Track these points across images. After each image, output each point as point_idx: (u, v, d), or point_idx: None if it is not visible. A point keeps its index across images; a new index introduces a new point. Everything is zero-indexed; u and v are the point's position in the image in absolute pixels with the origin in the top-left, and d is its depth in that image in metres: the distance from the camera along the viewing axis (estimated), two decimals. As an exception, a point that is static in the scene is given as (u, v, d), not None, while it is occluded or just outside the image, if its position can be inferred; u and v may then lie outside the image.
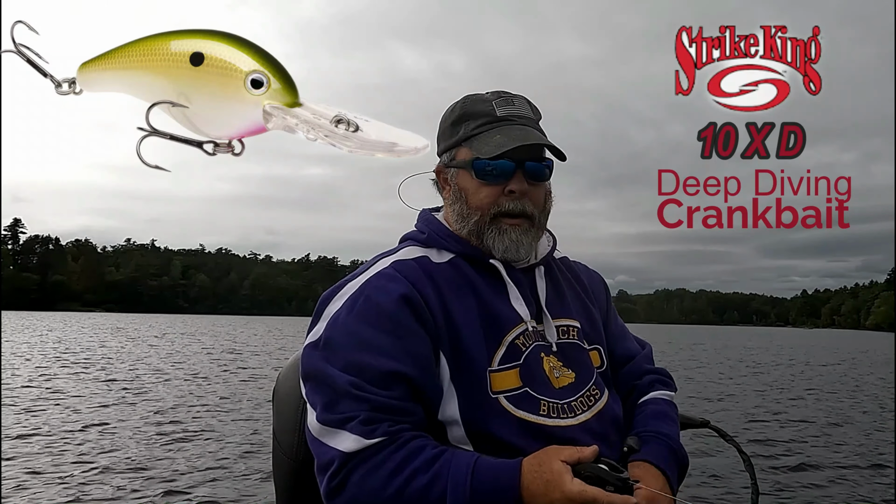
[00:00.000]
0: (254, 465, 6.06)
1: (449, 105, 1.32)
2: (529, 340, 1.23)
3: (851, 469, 6.59)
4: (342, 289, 1.22)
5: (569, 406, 1.22)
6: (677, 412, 1.40)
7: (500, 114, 1.23)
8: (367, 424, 1.07)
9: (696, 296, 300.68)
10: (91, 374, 14.05)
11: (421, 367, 1.14)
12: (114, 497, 5.10)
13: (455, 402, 1.17)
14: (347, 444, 1.07)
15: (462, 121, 1.26)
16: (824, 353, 33.21)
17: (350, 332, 1.14)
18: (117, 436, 7.39)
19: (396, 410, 1.10)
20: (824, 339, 61.81)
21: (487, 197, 1.23)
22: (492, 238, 1.24)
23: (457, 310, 1.20)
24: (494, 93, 1.27)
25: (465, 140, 1.24)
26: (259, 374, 15.24)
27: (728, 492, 5.51)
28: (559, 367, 1.25)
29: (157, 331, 40.32)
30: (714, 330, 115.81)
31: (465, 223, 1.26)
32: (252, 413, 9.12)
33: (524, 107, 1.26)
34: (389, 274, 1.21)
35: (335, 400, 1.10)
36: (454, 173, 1.27)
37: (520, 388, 1.19)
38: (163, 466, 5.99)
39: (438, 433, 1.17)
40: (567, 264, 1.46)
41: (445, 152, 1.29)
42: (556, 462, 1.03)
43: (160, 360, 18.26)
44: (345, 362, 1.11)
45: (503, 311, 1.23)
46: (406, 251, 1.29)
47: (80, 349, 21.48)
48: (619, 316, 1.52)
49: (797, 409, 10.95)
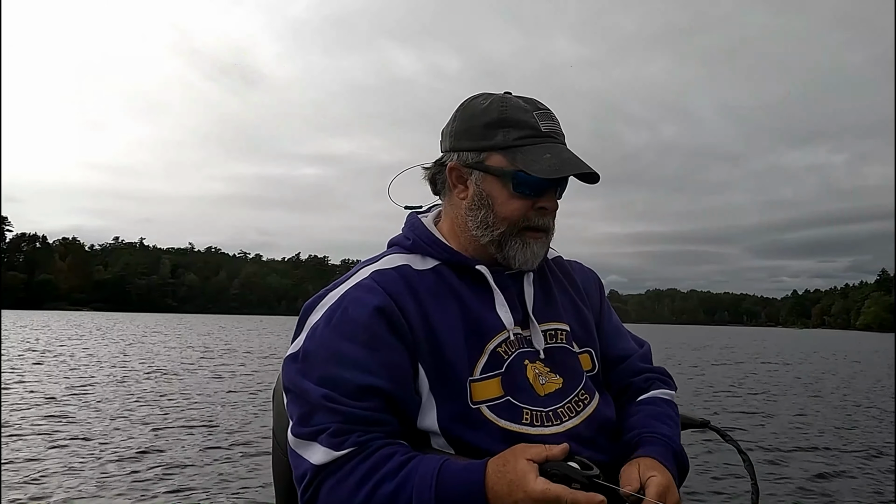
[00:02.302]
0: (254, 465, 6.03)
1: (473, 99, 1.27)
2: (512, 348, 1.22)
3: (852, 469, 6.52)
4: (323, 299, 1.22)
5: (554, 413, 1.21)
6: (678, 412, 1.37)
7: (544, 129, 1.20)
8: (337, 436, 1.07)
9: (687, 296, 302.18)
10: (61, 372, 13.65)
11: (396, 380, 1.13)
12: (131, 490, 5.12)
13: (434, 413, 1.16)
14: (318, 457, 1.08)
15: (500, 126, 1.20)
16: (822, 353, 33.06)
17: (325, 345, 1.14)
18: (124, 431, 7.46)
19: (368, 421, 1.09)
20: (818, 340, 62.80)
21: (518, 210, 1.21)
22: (514, 249, 1.23)
23: (437, 319, 1.19)
24: (530, 101, 1.23)
25: (503, 148, 1.20)
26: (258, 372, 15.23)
27: (728, 492, 5.45)
28: (545, 373, 1.24)
29: (144, 329, 40.10)
30: (706, 330, 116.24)
31: (489, 232, 1.23)
32: (252, 412, 9.10)
33: (558, 123, 1.24)
34: (367, 285, 1.20)
35: (309, 413, 1.10)
36: (479, 177, 1.23)
37: (501, 397, 1.18)
38: (162, 465, 5.92)
39: (421, 443, 1.16)
40: (560, 264, 1.43)
41: (470, 152, 1.23)
42: (520, 461, 1.02)
43: (171, 360, 18.14)
44: (319, 375, 1.12)
45: (486, 319, 1.22)
46: (388, 259, 1.27)
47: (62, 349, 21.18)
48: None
49: (797, 409, 10.87)
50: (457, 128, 1.26)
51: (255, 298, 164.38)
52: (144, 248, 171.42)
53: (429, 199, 1.37)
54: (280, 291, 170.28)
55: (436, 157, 1.32)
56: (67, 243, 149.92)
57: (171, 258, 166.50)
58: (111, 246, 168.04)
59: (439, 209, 1.35)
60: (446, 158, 1.28)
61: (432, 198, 1.36)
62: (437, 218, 1.35)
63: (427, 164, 1.32)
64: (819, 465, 6.68)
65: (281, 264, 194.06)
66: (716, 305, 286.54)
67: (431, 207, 1.38)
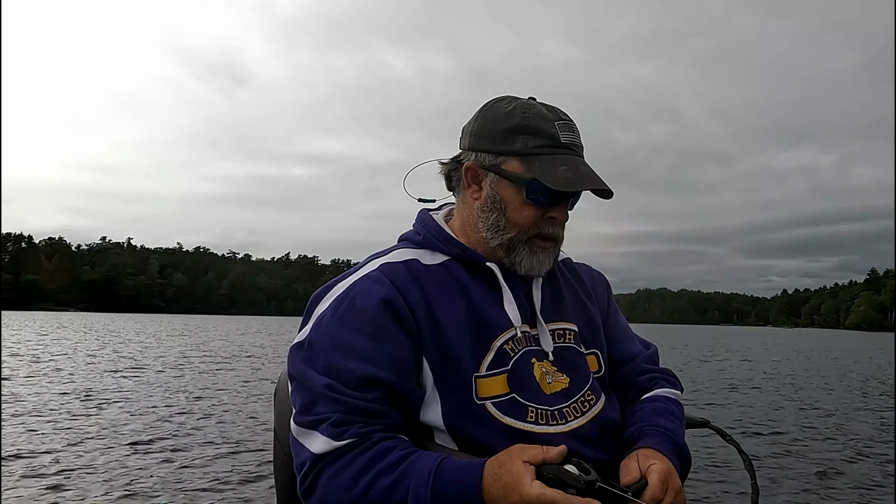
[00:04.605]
0: (254, 464, 5.99)
1: (497, 101, 1.26)
2: (519, 345, 1.22)
3: (852, 469, 6.50)
4: (331, 289, 1.23)
5: (560, 412, 1.20)
6: (682, 411, 1.35)
7: (563, 140, 1.20)
8: (338, 426, 1.08)
9: (678, 295, 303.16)
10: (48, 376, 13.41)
11: (399, 372, 1.14)
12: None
13: (438, 408, 1.16)
14: (318, 446, 1.08)
15: (520, 132, 1.20)
16: (819, 352, 33.24)
17: (331, 335, 1.15)
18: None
19: (370, 413, 1.10)
20: (812, 339, 63.48)
21: (529, 218, 1.21)
22: (522, 255, 1.23)
23: (444, 313, 1.19)
24: (552, 110, 1.23)
25: (522, 155, 1.20)
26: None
27: (728, 492, 5.43)
28: (552, 373, 1.23)
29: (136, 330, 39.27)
30: (699, 330, 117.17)
31: (499, 235, 1.23)
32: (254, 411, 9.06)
33: (578, 135, 1.24)
34: (375, 277, 1.21)
35: (312, 402, 1.11)
36: (494, 179, 1.23)
37: (507, 394, 1.18)
38: (163, 463, 5.93)
39: (424, 437, 1.17)
40: (569, 265, 1.44)
41: (488, 153, 1.23)
42: (517, 463, 1.01)
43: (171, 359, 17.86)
44: (324, 365, 1.13)
45: (493, 316, 1.22)
46: (397, 253, 1.28)
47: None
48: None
49: (797, 409, 10.82)
50: (478, 127, 1.25)
51: (243, 299, 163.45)
52: (132, 249, 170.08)
53: (441, 195, 1.36)
54: (269, 291, 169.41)
55: (428, 157, 1.33)
56: (53, 243, 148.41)
57: (159, 258, 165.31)
58: (98, 246, 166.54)
59: (451, 207, 1.35)
60: (464, 157, 1.27)
61: (444, 193, 1.35)
62: (448, 215, 1.34)
63: (445, 159, 1.31)
64: (819, 464, 6.62)
65: (270, 264, 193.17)
66: (706, 305, 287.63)
67: (444, 204, 1.37)
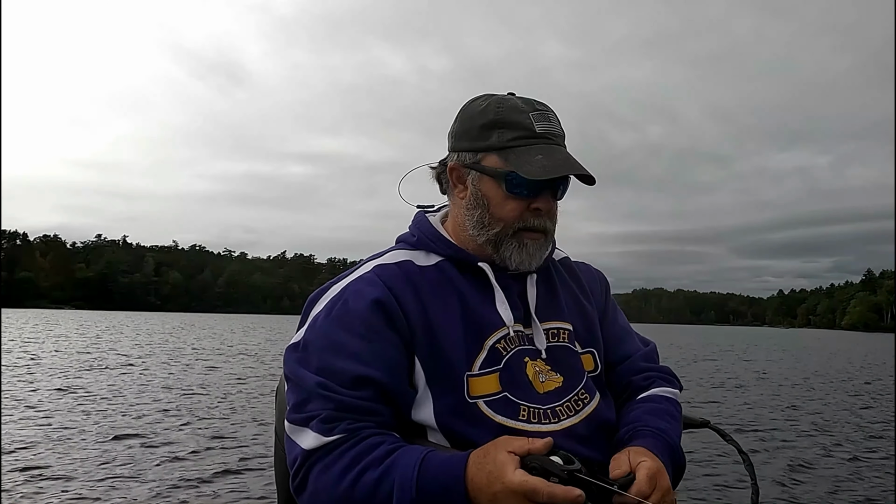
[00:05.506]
0: (254, 463, 6.05)
1: (473, 101, 1.29)
2: (511, 345, 1.23)
3: (852, 469, 6.51)
4: (326, 291, 1.25)
5: (552, 411, 1.21)
6: (680, 411, 1.35)
7: (538, 130, 1.20)
8: (328, 423, 1.10)
9: (674, 295, 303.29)
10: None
11: (391, 372, 1.15)
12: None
13: (430, 407, 1.17)
14: (308, 442, 1.10)
15: (495, 127, 1.22)
16: (817, 353, 33.26)
17: (324, 336, 1.17)
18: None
19: (360, 410, 1.12)
20: (809, 340, 63.65)
21: (513, 211, 1.22)
22: (510, 250, 1.24)
23: (437, 313, 1.21)
24: (527, 102, 1.24)
25: (498, 149, 1.21)
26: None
27: (728, 492, 5.45)
28: (546, 372, 1.24)
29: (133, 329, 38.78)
30: (696, 330, 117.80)
31: (485, 232, 1.24)
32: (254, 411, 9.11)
33: (556, 124, 1.24)
34: (369, 278, 1.23)
35: (305, 400, 1.13)
36: (475, 177, 1.24)
37: (499, 392, 1.19)
38: (163, 462, 5.96)
39: (416, 436, 1.18)
40: (567, 265, 1.44)
41: (468, 152, 1.26)
42: (501, 453, 1.02)
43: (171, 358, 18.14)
44: (317, 365, 1.15)
45: (486, 315, 1.23)
46: (392, 254, 1.30)
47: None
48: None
49: (797, 409, 10.83)
50: (456, 129, 1.28)
51: (239, 297, 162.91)
52: (128, 246, 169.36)
53: (440, 198, 1.37)
54: (265, 290, 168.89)
55: (426, 156, 1.35)
56: (48, 241, 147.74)
57: (154, 256, 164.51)
58: (94, 243, 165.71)
59: (447, 209, 1.36)
60: (448, 159, 1.29)
61: (443, 196, 1.36)
62: (444, 217, 1.35)
63: (434, 163, 1.34)
64: (819, 464, 6.63)
65: (266, 263, 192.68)
66: (702, 305, 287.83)
67: (442, 207, 1.38)
